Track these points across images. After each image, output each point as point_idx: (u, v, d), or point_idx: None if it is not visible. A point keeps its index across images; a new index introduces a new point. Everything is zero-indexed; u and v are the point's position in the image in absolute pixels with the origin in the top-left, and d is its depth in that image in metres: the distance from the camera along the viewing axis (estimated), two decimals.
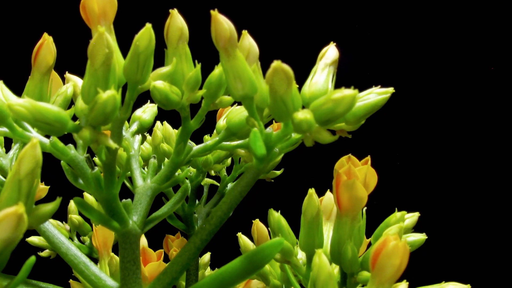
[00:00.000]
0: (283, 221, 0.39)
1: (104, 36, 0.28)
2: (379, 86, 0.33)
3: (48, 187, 0.49)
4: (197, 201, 0.55)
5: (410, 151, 1.04)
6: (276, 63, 0.28)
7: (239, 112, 0.34)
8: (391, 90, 0.32)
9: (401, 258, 0.28)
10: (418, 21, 1.03)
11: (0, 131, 0.31)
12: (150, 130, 0.46)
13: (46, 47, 0.34)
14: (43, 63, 0.34)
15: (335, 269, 0.39)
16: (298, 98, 0.30)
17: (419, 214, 0.42)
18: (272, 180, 0.54)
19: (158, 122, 0.48)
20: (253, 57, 0.32)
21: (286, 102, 0.29)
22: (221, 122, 0.38)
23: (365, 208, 0.36)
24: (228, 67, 0.30)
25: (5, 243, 0.24)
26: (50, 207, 0.28)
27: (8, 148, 0.37)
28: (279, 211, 0.40)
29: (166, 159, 0.45)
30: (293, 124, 0.29)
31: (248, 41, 0.32)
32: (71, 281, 0.48)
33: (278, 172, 0.53)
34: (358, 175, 0.35)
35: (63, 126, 0.29)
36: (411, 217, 0.42)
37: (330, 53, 0.33)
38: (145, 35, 0.29)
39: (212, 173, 0.53)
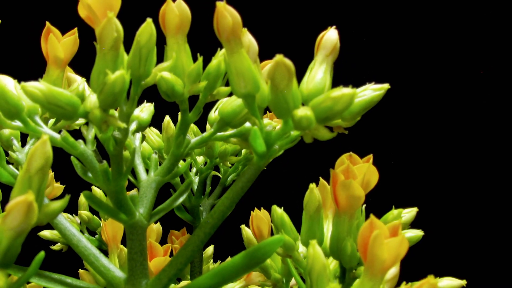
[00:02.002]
0: (286, 217, 0.40)
1: (113, 21, 0.28)
2: (373, 82, 0.33)
3: (64, 186, 0.50)
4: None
5: (407, 149, 1.04)
6: (278, 57, 0.28)
7: (231, 102, 0.35)
8: (386, 86, 0.33)
9: (394, 251, 0.28)
10: (413, 18, 1.03)
11: (14, 125, 0.32)
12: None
13: (52, 42, 0.35)
14: (57, 58, 0.35)
15: (332, 262, 0.39)
16: (298, 95, 0.30)
17: (417, 209, 0.42)
18: (265, 168, 0.55)
19: (167, 117, 0.48)
20: (252, 54, 0.32)
21: (287, 98, 0.29)
22: (213, 114, 0.39)
23: (365, 205, 0.36)
24: (231, 62, 0.31)
25: (16, 232, 0.25)
26: (59, 204, 0.29)
27: (24, 142, 0.38)
28: (282, 208, 0.40)
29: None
30: (293, 121, 0.29)
31: (248, 38, 0.32)
32: (80, 270, 0.49)
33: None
34: (356, 173, 0.35)
35: (75, 110, 0.30)
36: (410, 212, 0.42)
37: (329, 41, 0.33)
38: (146, 29, 0.30)
39: (228, 164, 0.53)
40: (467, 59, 1.02)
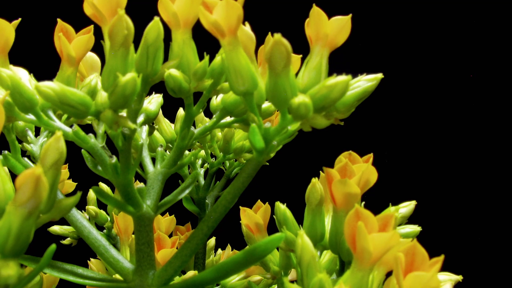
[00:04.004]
0: (289, 213, 0.41)
1: (123, 18, 0.29)
2: (365, 74, 0.33)
3: (76, 184, 0.52)
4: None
5: (406, 146, 1.04)
6: (276, 36, 0.28)
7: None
8: (379, 76, 0.32)
9: (382, 245, 0.27)
10: (408, 14, 1.03)
11: (27, 119, 0.33)
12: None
13: (64, 42, 0.35)
14: (70, 57, 0.35)
15: (327, 254, 0.40)
16: (295, 83, 0.30)
17: (416, 203, 0.42)
18: (267, 163, 0.54)
19: (181, 109, 0.49)
20: (249, 52, 0.32)
21: (285, 85, 0.30)
22: (214, 101, 0.39)
23: (363, 202, 0.38)
24: (229, 60, 0.31)
25: (26, 209, 0.25)
26: (72, 200, 0.29)
27: (37, 134, 0.39)
28: (285, 204, 0.41)
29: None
30: (291, 110, 0.30)
31: (245, 34, 0.32)
32: (91, 259, 0.50)
33: (272, 154, 0.53)
34: (355, 171, 0.36)
35: (87, 109, 0.30)
36: (408, 206, 0.42)
37: (324, 31, 0.32)
38: (154, 28, 0.31)
39: (242, 160, 0.53)
40: (462, 57, 1.02)
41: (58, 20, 0.36)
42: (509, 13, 1.01)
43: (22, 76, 0.33)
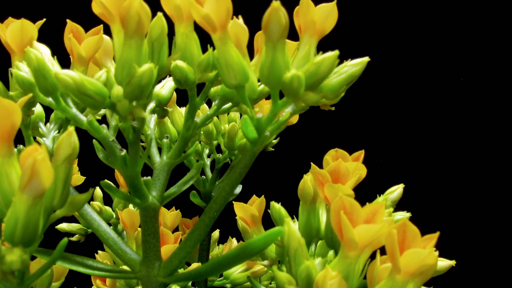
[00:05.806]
0: (284, 211, 0.41)
1: (137, 3, 0.29)
2: (350, 59, 0.33)
3: (84, 178, 0.53)
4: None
5: (395, 139, 1.04)
6: (275, 3, 0.29)
7: None
8: (366, 60, 0.32)
9: (368, 236, 0.28)
10: (398, 15, 1.04)
11: (46, 101, 0.33)
12: None
13: (74, 43, 0.35)
14: (80, 57, 0.36)
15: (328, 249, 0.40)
16: (288, 61, 0.31)
17: (404, 186, 0.42)
18: (273, 149, 0.53)
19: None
20: (241, 46, 0.32)
21: (279, 60, 0.30)
22: (213, 89, 0.39)
23: (354, 195, 0.38)
24: (220, 54, 0.31)
25: (30, 192, 0.25)
26: (85, 196, 0.30)
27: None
28: (280, 203, 0.42)
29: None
30: (284, 86, 0.30)
31: (237, 26, 0.32)
32: (99, 252, 0.52)
33: (275, 141, 0.52)
34: (350, 174, 0.36)
35: (103, 100, 0.31)
36: (396, 190, 0.42)
37: (311, 19, 0.32)
38: (158, 23, 0.31)
39: None
40: (455, 56, 1.03)
41: (68, 21, 0.36)
42: (500, 14, 1.02)
43: (45, 53, 0.33)
